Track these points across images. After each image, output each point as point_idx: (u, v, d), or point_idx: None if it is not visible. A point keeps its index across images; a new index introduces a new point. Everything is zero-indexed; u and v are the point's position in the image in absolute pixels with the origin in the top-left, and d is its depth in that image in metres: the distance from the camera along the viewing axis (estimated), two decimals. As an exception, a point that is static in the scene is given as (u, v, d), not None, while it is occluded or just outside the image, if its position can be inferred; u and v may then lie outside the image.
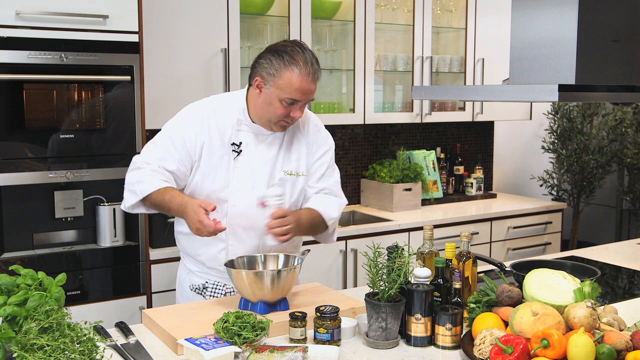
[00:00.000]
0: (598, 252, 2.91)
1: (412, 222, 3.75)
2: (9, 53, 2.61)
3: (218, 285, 2.26)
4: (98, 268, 2.87)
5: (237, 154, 2.17)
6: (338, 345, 1.77)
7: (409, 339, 1.80)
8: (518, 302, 1.80)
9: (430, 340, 1.79)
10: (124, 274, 2.92)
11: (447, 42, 4.40)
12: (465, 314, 1.87)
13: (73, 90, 2.78)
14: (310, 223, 2.22)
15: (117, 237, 2.92)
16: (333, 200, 2.30)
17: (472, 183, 4.54)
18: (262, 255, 2.11)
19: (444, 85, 4.16)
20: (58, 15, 2.67)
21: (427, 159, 4.35)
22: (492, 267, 2.38)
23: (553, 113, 4.91)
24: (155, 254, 3.04)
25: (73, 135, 2.77)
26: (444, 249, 1.96)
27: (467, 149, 4.80)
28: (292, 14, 3.56)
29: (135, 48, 2.84)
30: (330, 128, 2.48)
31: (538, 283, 1.81)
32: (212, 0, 3.31)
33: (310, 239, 2.51)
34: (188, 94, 3.26)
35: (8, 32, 2.60)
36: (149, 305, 2.98)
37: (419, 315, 1.77)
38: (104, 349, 1.57)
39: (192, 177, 2.18)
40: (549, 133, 4.97)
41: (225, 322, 1.72)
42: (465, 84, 4.22)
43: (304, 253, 2.14)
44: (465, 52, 4.24)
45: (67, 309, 1.52)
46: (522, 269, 2.08)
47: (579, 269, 2.22)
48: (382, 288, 1.78)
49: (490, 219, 4.09)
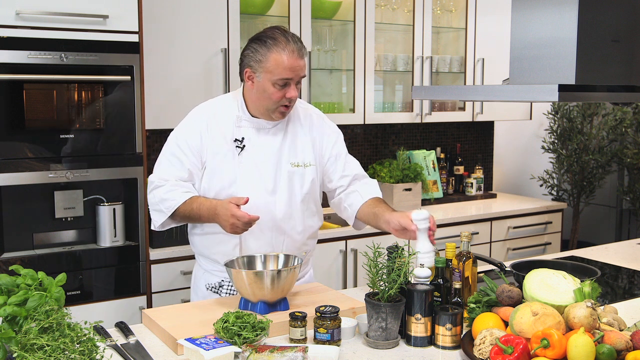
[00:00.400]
0: (598, 252, 2.91)
1: (412, 222, 3.75)
2: (9, 53, 2.61)
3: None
4: (98, 268, 2.87)
5: (240, 150, 2.19)
6: (338, 345, 1.77)
7: (409, 339, 1.80)
8: (518, 302, 1.80)
9: (430, 340, 1.79)
10: (124, 274, 2.92)
11: (447, 42, 4.40)
12: (465, 314, 1.87)
13: (73, 90, 2.78)
14: (390, 207, 2.25)
15: (117, 237, 2.91)
16: (372, 187, 2.35)
17: (472, 183, 4.54)
18: (262, 255, 2.11)
19: (444, 85, 4.16)
20: (58, 15, 2.67)
21: (427, 159, 4.35)
22: (492, 267, 2.38)
23: (553, 113, 4.91)
24: (155, 254, 3.04)
25: (73, 135, 2.77)
26: (444, 249, 1.96)
27: (467, 149, 4.80)
28: (292, 14, 3.56)
29: (135, 48, 2.84)
30: (330, 128, 2.48)
31: (538, 283, 1.81)
32: (212, 0, 3.31)
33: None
34: (188, 94, 3.26)
35: (8, 32, 2.60)
36: (149, 305, 2.98)
37: (419, 315, 1.77)
38: (104, 349, 1.57)
39: (200, 178, 2.21)
40: (549, 133, 4.96)
41: (225, 322, 1.72)
42: (465, 84, 4.22)
43: (304, 253, 2.14)
44: (465, 52, 4.24)
45: (67, 309, 1.52)
46: (522, 269, 2.08)
47: (579, 269, 2.22)
48: (382, 288, 1.78)
49: (490, 219, 4.09)
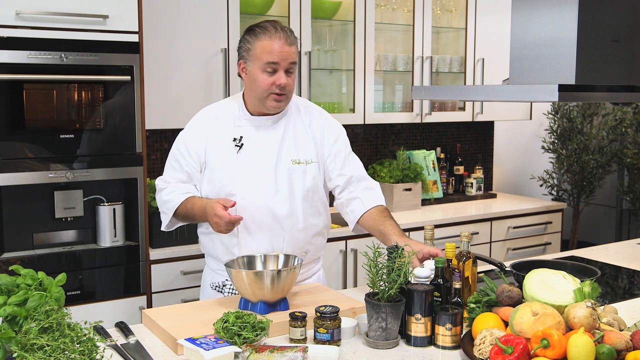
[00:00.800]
0: (598, 252, 2.91)
1: (412, 222, 3.75)
2: (9, 53, 2.61)
3: None
4: (98, 268, 2.87)
5: (239, 148, 2.21)
6: (338, 345, 1.77)
7: (409, 339, 1.80)
8: (518, 302, 1.80)
9: (430, 340, 1.79)
10: (124, 274, 2.92)
11: (447, 42, 4.40)
12: (465, 314, 1.87)
13: (73, 90, 2.78)
14: (398, 225, 2.22)
15: (117, 237, 2.91)
16: (373, 190, 2.34)
17: (472, 183, 4.53)
18: (262, 255, 2.11)
19: (444, 85, 4.16)
20: (58, 15, 2.67)
21: (427, 159, 4.35)
22: (492, 267, 2.38)
23: (553, 113, 4.91)
24: (155, 254, 3.04)
25: (73, 135, 2.77)
26: (444, 249, 1.96)
27: (467, 149, 4.80)
28: (292, 14, 3.56)
29: (135, 48, 2.84)
30: (330, 128, 2.47)
31: (538, 283, 1.80)
32: (212, 0, 3.30)
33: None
34: (188, 94, 3.26)
35: (8, 32, 2.60)
36: (149, 305, 2.98)
37: (419, 315, 1.77)
38: (104, 349, 1.57)
39: (201, 179, 2.25)
40: (549, 133, 4.96)
41: (225, 322, 1.72)
42: (465, 84, 4.22)
43: (304, 253, 2.14)
44: (465, 52, 4.24)
45: (67, 309, 1.53)
46: (522, 269, 2.08)
47: (579, 269, 2.22)
48: (382, 288, 1.77)
49: (490, 219, 4.09)
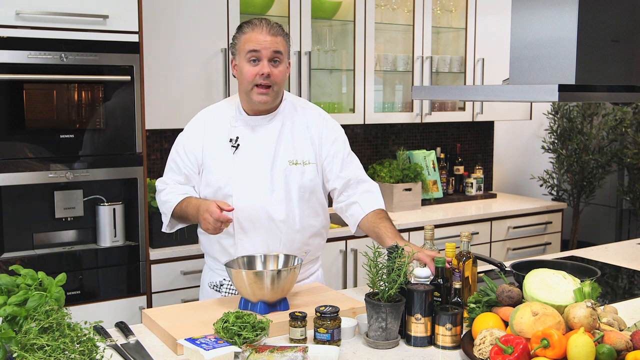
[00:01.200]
0: (598, 252, 2.91)
1: (412, 222, 3.75)
2: (9, 53, 2.61)
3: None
4: (98, 268, 2.87)
5: (235, 149, 2.22)
6: (338, 345, 1.77)
7: (409, 339, 1.80)
8: (518, 302, 1.80)
9: (430, 340, 1.79)
10: (124, 274, 2.92)
11: (447, 42, 4.40)
12: (465, 314, 1.87)
13: (73, 90, 2.78)
14: (393, 226, 2.21)
15: (117, 237, 2.91)
16: (372, 193, 2.31)
17: (472, 183, 4.53)
18: (262, 255, 2.11)
19: (444, 85, 4.16)
20: (58, 15, 2.67)
21: (427, 159, 4.34)
22: (492, 267, 2.38)
23: (553, 113, 4.91)
24: (155, 254, 3.04)
25: (73, 135, 2.77)
26: (444, 249, 1.96)
27: (467, 149, 4.80)
28: (292, 14, 3.56)
29: (135, 48, 2.84)
30: (330, 128, 2.47)
31: (538, 283, 1.80)
32: (212, 0, 3.30)
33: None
34: (188, 94, 3.26)
35: (8, 32, 2.60)
36: (149, 305, 2.98)
37: (419, 315, 1.77)
38: (104, 349, 1.57)
39: (200, 179, 2.26)
40: (549, 133, 4.96)
41: (225, 322, 1.72)
42: (465, 84, 4.22)
43: (305, 253, 2.14)
44: (465, 52, 4.24)
45: (67, 309, 1.53)
46: (522, 269, 2.08)
47: (579, 269, 2.22)
48: (382, 288, 1.77)
49: (490, 219, 4.09)
